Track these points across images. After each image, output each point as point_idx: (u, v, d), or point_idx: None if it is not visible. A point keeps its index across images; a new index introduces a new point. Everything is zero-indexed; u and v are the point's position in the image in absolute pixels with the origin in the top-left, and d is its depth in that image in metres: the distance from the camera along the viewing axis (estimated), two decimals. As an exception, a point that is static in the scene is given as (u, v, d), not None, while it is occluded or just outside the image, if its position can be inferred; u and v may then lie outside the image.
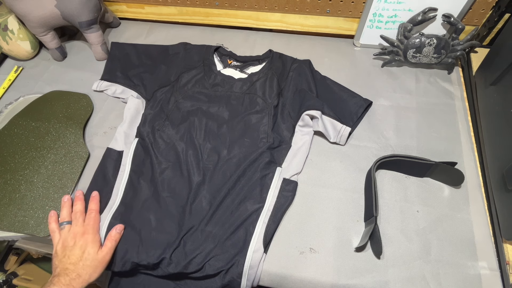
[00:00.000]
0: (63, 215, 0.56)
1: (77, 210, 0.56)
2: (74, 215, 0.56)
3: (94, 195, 0.58)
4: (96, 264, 0.50)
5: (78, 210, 0.56)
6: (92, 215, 0.55)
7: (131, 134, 0.67)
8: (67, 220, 0.55)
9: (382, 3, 0.70)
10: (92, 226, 0.54)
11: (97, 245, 0.52)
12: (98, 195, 0.58)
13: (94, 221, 0.55)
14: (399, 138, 0.66)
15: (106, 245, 0.53)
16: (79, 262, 0.50)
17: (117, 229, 0.54)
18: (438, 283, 0.51)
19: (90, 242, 0.52)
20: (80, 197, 0.58)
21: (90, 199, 0.58)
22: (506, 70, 0.57)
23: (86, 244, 0.51)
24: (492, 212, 0.56)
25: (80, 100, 0.73)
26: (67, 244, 0.52)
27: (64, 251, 0.51)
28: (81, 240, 0.52)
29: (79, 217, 0.55)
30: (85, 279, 0.49)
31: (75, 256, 0.50)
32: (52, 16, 0.72)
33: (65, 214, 0.56)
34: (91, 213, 0.56)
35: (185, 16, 0.86)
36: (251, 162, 0.60)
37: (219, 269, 0.52)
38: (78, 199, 0.58)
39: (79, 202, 0.57)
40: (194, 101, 0.68)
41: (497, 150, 0.57)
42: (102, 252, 0.52)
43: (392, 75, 0.75)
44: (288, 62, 0.73)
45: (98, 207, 0.57)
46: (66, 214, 0.56)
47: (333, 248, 0.55)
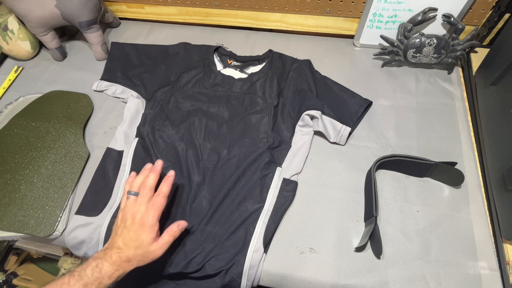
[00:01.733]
0: (135, 183, 0.52)
1: (148, 184, 0.51)
2: (143, 189, 0.51)
3: (169, 175, 0.53)
4: (146, 255, 0.47)
5: (149, 184, 0.51)
6: (158, 199, 0.50)
7: (131, 134, 0.67)
8: (136, 191, 0.51)
9: (382, 3, 0.70)
10: (155, 211, 0.49)
11: (153, 234, 0.47)
12: (173, 177, 0.53)
13: (158, 206, 0.49)
14: (399, 138, 0.66)
15: (163, 237, 0.48)
16: (132, 246, 0.46)
17: (179, 225, 0.50)
18: (438, 283, 0.51)
19: (146, 228, 0.47)
20: (157, 170, 0.53)
21: (164, 178, 0.52)
22: (506, 70, 0.58)
23: (142, 229, 0.47)
24: (492, 212, 0.56)
25: (80, 100, 0.73)
26: (125, 219, 0.48)
27: (121, 224, 0.49)
28: (138, 223, 0.48)
29: (147, 194, 0.50)
30: (133, 264, 0.47)
31: (129, 238, 0.47)
32: (52, 16, 0.72)
33: (137, 182, 0.52)
34: (158, 195, 0.50)
35: (185, 16, 0.86)
36: (251, 162, 0.60)
37: (219, 269, 0.52)
38: (154, 171, 0.52)
39: (153, 176, 0.52)
40: (194, 101, 0.68)
41: (497, 150, 0.57)
42: (156, 245, 0.48)
43: (392, 75, 0.75)
44: (288, 62, 0.73)
45: (168, 190, 0.51)
46: (138, 183, 0.52)
47: (333, 248, 0.55)
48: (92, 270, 0.44)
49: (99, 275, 0.44)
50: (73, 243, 0.56)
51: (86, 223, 0.57)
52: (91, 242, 0.55)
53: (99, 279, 0.44)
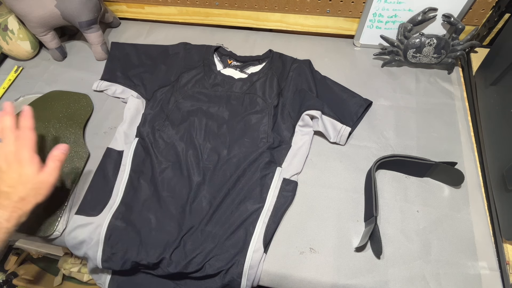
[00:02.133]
0: None
1: (6, 125, 0.47)
2: (4, 131, 0.47)
3: (25, 110, 0.50)
4: (38, 186, 0.45)
5: (8, 125, 0.47)
6: (26, 133, 0.47)
7: (131, 134, 0.67)
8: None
9: (382, 3, 0.70)
10: (26, 145, 0.46)
11: (34, 166, 0.45)
12: (30, 110, 0.50)
13: (29, 139, 0.47)
14: (399, 138, 0.66)
15: (48, 165, 0.46)
16: (18, 185, 0.44)
17: (59, 148, 0.48)
18: (438, 283, 0.51)
19: (25, 163, 0.45)
20: (8, 111, 0.49)
21: (21, 114, 0.49)
22: (506, 70, 0.58)
23: (20, 166, 0.45)
24: (492, 212, 0.56)
25: (80, 100, 0.73)
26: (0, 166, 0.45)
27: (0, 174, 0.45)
28: (14, 162, 0.45)
29: (10, 133, 0.47)
30: (30, 201, 0.45)
31: (11, 179, 0.44)
32: (52, 16, 0.72)
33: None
34: (24, 130, 0.48)
35: (185, 16, 0.86)
36: (251, 162, 0.60)
37: (219, 269, 0.52)
38: (6, 113, 0.49)
39: (8, 118, 0.48)
40: (194, 101, 0.68)
41: (497, 150, 0.57)
42: (44, 173, 0.45)
43: (392, 75, 0.75)
44: (288, 62, 0.73)
45: (31, 123, 0.49)
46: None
47: (333, 248, 0.55)
48: None
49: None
50: (73, 243, 0.56)
51: (86, 223, 0.57)
52: (91, 242, 0.55)
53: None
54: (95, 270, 0.58)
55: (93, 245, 0.55)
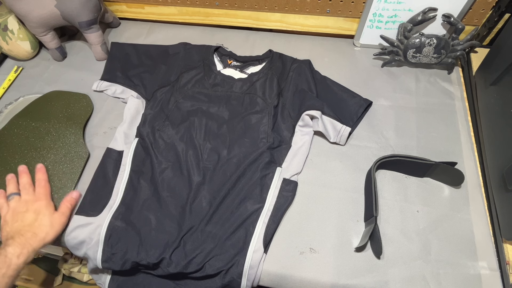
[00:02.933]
0: (9, 189, 0.53)
1: (25, 182, 0.53)
2: (23, 186, 0.53)
3: (39, 167, 0.56)
4: (51, 223, 0.49)
5: (26, 182, 0.54)
6: (42, 184, 0.53)
7: (131, 134, 0.67)
8: (16, 191, 0.53)
9: (382, 3, 0.70)
10: (44, 194, 0.52)
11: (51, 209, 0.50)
12: (43, 167, 0.57)
13: (45, 189, 0.52)
14: (399, 138, 0.66)
15: (61, 207, 0.51)
16: (34, 223, 0.48)
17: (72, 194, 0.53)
18: (438, 283, 0.51)
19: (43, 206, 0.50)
20: (25, 171, 0.56)
21: (36, 170, 0.55)
22: (506, 70, 0.58)
23: (39, 208, 0.49)
24: (492, 212, 0.56)
25: (80, 100, 0.73)
26: (18, 211, 0.49)
27: (15, 217, 0.49)
28: (34, 205, 0.50)
29: (29, 188, 0.53)
30: (42, 237, 0.47)
31: (29, 219, 0.48)
32: (52, 16, 0.72)
33: (12, 188, 0.54)
34: (40, 182, 0.54)
35: (185, 16, 0.86)
36: (251, 162, 0.60)
37: (219, 269, 0.52)
38: (23, 173, 0.55)
39: (24, 175, 0.55)
40: (194, 101, 0.68)
41: (497, 150, 0.57)
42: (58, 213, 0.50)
43: (392, 75, 0.75)
44: (288, 62, 0.73)
45: (46, 176, 0.55)
46: (13, 188, 0.54)
47: (333, 248, 0.55)
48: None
49: (4, 259, 0.44)
50: (73, 243, 0.56)
51: (86, 223, 0.57)
52: (91, 243, 0.55)
53: (7, 262, 0.44)
54: (95, 270, 0.58)
55: (93, 245, 0.55)
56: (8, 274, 0.44)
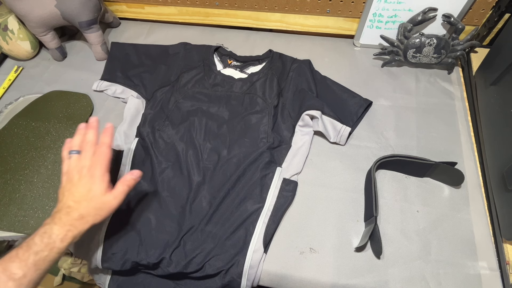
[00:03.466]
0: (74, 142, 0.50)
1: (88, 139, 0.49)
2: (85, 145, 0.49)
3: (108, 127, 0.51)
4: (100, 207, 0.45)
5: (90, 139, 0.49)
6: (103, 149, 0.48)
7: (131, 134, 0.67)
8: (77, 149, 0.49)
9: (382, 3, 0.70)
10: (101, 161, 0.47)
11: (104, 184, 0.46)
12: (112, 128, 0.51)
13: (104, 156, 0.47)
14: (399, 138, 0.66)
15: (117, 187, 0.47)
16: (83, 201, 0.44)
17: (133, 174, 0.48)
18: (438, 283, 0.51)
19: (96, 179, 0.45)
20: (94, 125, 0.51)
21: (103, 130, 0.50)
22: (506, 70, 0.57)
23: (92, 181, 0.45)
24: (492, 212, 0.56)
25: (80, 100, 0.73)
26: (72, 177, 0.46)
27: (68, 184, 0.46)
28: (86, 176, 0.46)
29: (89, 149, 0.48)
30: (89, 221, 0.44)
31: (79, 193, 0.45)
32: (52, 16, 0.72)
33: (76, 141, 0.50)
34: (101, 146, 0.48)
35: (185, 16, 0.86)
36: (251, 162, 0.60)
37: (219, 269, 0.52)
38: (91, 127, 0.51)
39: (91, 131, 0.50)
40: (194, 101, 0.68)
41: (497, 150, 0.57)
42: (110, 195, 0.46)
43: (392, 75, 0.75)
44: (288, 62, 0.73)
45: (111, 140, 0.49)
46: (77, 142, 0.50)
47: (333, 248, 0.55)
48: (41, 236, 0.42)
49: (49, 241, 0.42)
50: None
51: (86, 223, 0.57)
52: (91, 242, 0.55)
53: (50, 244, 0.41)
54: (95, 270, 0.58)
55: (93, 245, 0.55)
56: (50, 258, 0.41)
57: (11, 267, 0.39)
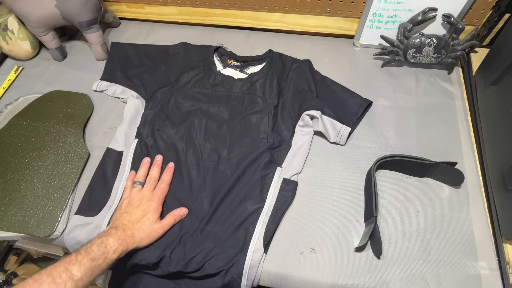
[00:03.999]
0: (139, 175, 0.59)
1: (152, 175, 0.59)
2: (149, 179, 0.58)
3: (170, 167, 0.61)
4: (150, 231, 0.52)
5: (153, 176, 0.59)
6: (163, 186, 0.58)
7: (131, 134, 0.67)
8: (141, 181, 0.58)
9: (382, 3, 0.70)
10: (159, 196, 0.56)
11: (157, 215, 0.54)
12: (173, 167, 0.61)
13: (162, 192, 0.57)
14: (399, 138, 0.66)
15: (166, 218, 0.54)
16: (137, 223, 0.52)
17: (182, 210, 0.56)
18: (438, 283, 0.51)
19: (152, 209, 0.54)
20: (159, 163, 0.61)
21: (165, 169, 0.60)
22: (506, 70, 0.57)
23: (148, 209, 0.53)
24: (492, 212, 0.56)
25: (80, 100, 0.73)
26: (132, 203, 0.55)
27: (127, 207, 0.54)
28: (145, 204, 0.54)
29: (152, 183, 0.58)
30: (137, 241, 0.50)
31: (136, 216, 0.52)
32: (52, 16, 0.72)
33: (141, 174, 0.59)
34: (162, 183, 0.58)
35: (185, 16, 0.86)
36: (251, 162, 0.60)
37: (219, 269, 0.52)
38: (156, 165, 0.60)
39: (156, 169, 0.60)
40: (194, 101, 0.68)
41: (497, 150, 0.57)
42: (159, 223, 0.53)
43: (392, 75, 0.75)
44: (288, 62, 0.73)
45: (170, 179, 0.59)
46: (142, 175, 0.59)
47: (333, 248, 0.55)
48: (98, 246, 0.47)
49: (104, 250, 0.46)
50: (71, 243, 0.56)
51: (85, 223, 0.57)
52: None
53: (105, 253, 0.46)
54: (95, 270, 0.58)
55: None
56: (102, 266, 0.46)
57: (72, 268, 0.43)
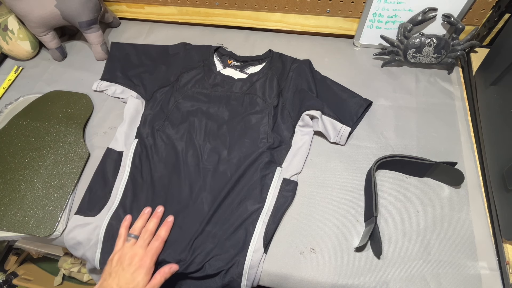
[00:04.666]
0: (135, 227, 0.55)
1: (149, 228, 0.54)
2: (144, 233, 0.54)
3: (168, 221, 0.56)
4: None
5: (150, 229, 0.54)
6: (157, 244, 0.53)
7: (131, 134, 0.67)
8: (136, 234, 0.54)
9: (382, 3, 0.70)
10: (152, 255, 0.51)
11: (148, 278, 0.49)
12: (172, 222, 0.56)
13: (156, 251, 0.52)
14: (399, 138, 0.65)
15: (155, 278, 0.50)
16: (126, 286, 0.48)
17: (171, 268, 0.51)
18: (438, 283, 0.51)
19: (143, 272, 0.49)
20: (158, 216, 0.56)
21: (163, 224, 0.55)
22: (506, 70, 0.57)
23: (139, 272, 0.49)
24: (492, 212, 0.56)
25: (80, 100, 0.73)
26: (123, 261, 0.50)
27: (117, 265, 0.50)
28: (136, 265, 0.50)
29: (147, 238, 0.53)
30: None
31: (125, 279, 0.48)
32: (52, 16, 0.72)
33: (138, 227, 0.55)
34: (157, 240, 0.53)
35: (185, 16, 0.86)
36: (251, 162, 0.60)
37: (219, 269, 0.52)
38: (156, 217, 0.56)
39: (154, 221, 0.55)
40: (194, 101, 0.68)
41: (497, 150, 0.57)
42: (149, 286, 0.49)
43: (392, 75, 0.75)
44: (288, 62, 0.73)
45: (167, 235, 0.55)
46: (139, 228, 0.55)
47: (333, 248, 0.55)
48: None
49: None
50: (71, 243, 0.56)
51: (85, 223, 0.57)
52: (90, 243, 0.55)
53: None
54: (94, 270, 0.58)
55: (91, 246, 0.55)
56: None
57: None
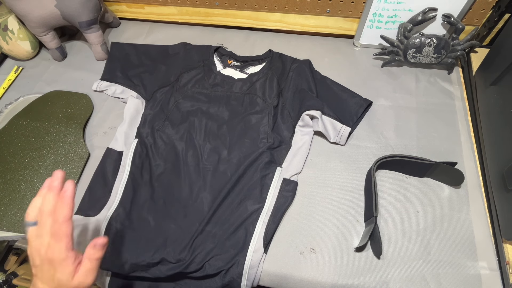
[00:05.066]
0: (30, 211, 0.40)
1: (44, 209, 0.39)
2: (40, 216, 0.39)
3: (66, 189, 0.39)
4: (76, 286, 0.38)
5: (45, 210, 0.39)
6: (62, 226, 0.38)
7: (131, 134, 0.67)
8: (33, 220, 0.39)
9: (382, 3, 0.70)
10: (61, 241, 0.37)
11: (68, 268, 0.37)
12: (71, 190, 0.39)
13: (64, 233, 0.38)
14: (399, 138, 0.65)
15: (84, 265, 0.38)
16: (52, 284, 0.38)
17: (96, 245, 0.38)
18: (438, 283, 0.51)
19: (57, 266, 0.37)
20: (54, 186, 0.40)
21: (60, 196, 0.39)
22: (506, 70, 0.57)
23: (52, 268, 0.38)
24: (492, 212, 0.56)
25: (80, 100, 0.73)
26: (33, 261, 0.39)
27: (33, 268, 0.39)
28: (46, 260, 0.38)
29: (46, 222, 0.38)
30: None
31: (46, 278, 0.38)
32: (52, 16, 0.72)
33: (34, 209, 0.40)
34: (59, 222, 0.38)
35: (185, 16, 0.86)
36: (251, 162, 0.60)
37: (219, 269, 0.52)
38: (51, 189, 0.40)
39: (50, 197, 0.39)
40: (194, 101, 0.68)
41: (497, 150, 0.57)
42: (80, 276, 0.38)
43: (392, 75, 0.75)
44: (288, 62, 0.73)
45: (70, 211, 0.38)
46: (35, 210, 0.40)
47: (333, 248, 0.55)
48: None
49: None
50: (73, 243, 0.56)
51: (85, 223, 0.57)
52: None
53: None
54: (95, 270, 0.57)
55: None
56: None
57: None
